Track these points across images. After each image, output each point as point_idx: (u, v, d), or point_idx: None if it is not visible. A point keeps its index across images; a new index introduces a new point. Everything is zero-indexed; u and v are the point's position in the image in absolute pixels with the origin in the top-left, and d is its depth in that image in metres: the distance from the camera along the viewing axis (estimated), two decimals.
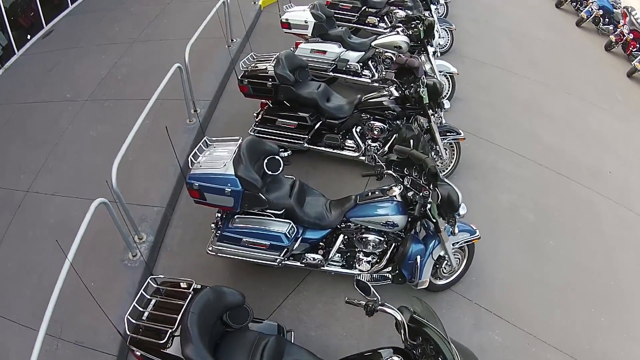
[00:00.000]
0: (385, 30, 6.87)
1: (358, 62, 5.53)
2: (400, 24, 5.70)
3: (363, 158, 4.43)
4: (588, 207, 4.65)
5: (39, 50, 7.04)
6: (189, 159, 3.13)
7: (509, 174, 4.81)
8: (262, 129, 4.49)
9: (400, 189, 3.24)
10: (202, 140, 3.29)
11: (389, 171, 3.29)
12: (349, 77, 5.61)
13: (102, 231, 3.51)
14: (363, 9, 6.89)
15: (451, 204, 2.99)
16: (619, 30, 8.76)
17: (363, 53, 5.49)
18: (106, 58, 6.44)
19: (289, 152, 3.36)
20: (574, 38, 8.99)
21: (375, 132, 4.32)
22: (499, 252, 3.97)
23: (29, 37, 7.25)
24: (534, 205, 4.50)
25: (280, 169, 3.21)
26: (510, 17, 9.02)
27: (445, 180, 3.22)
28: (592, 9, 9.43)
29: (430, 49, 5.37)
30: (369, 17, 6.93)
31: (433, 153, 4.24)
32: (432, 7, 6.59)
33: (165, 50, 6.34)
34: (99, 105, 5.48)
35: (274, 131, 4.47)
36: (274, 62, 4.27)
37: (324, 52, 5.43)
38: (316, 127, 4.40)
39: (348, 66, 5.53)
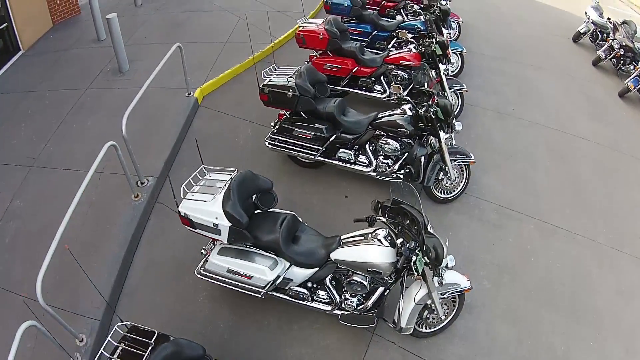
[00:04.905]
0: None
1: (308, 282, 3.57)
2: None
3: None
4: None
5: None
6: None
7: None
8: None
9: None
10: None
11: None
12: (294, 300, 3.61)
13: None
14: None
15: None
16: None
17: (315, 270, 3.52)
18: None
19: None
20: (623, 125, 6.90)
21: None
22: None
23: None
24: None
25: None
26: (545, 96, 7.03)
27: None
28: None
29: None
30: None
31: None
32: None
33: (63, 189, 4.62)
34: None
35: None
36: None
37: (250, 277, 3.46)
38: None
39: (293, 290, 3.59)
